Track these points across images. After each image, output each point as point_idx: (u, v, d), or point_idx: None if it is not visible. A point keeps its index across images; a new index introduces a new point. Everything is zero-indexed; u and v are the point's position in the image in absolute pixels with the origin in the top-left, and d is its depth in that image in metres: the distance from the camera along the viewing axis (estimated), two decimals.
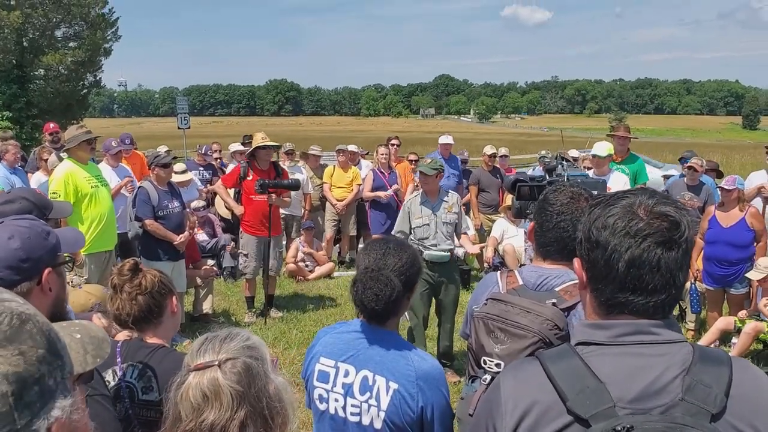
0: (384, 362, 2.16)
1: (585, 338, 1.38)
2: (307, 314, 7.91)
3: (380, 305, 2.14)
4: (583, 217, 1.44)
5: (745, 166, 25.06)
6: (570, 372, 1.32)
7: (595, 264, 1.38)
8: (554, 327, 2.04)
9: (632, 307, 1.35)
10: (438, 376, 2.19)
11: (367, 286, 2.14)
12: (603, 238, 1.36)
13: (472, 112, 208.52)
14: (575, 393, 1.28)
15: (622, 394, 1.27)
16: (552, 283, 2.23)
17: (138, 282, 2.38)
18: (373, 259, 2.22)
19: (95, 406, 1.86)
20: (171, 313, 2.47)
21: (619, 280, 1.34)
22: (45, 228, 1.92)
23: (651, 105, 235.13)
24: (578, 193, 2.31)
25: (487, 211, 9.80)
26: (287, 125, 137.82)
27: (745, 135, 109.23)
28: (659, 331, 1.34)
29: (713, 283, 6.92)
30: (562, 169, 2.94)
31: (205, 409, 1.50)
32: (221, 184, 7.86)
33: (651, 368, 1.29)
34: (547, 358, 1.37)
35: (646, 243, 1.32)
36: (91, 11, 34.24)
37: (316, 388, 2.25)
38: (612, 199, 1.41)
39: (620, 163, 7.83)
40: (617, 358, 1.32)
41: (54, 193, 6.06)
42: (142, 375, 2.28)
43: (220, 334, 1.63)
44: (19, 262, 1.79)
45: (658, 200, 1.36)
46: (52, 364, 0.93)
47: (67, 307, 2.54)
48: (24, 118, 30.80)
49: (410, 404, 2.11)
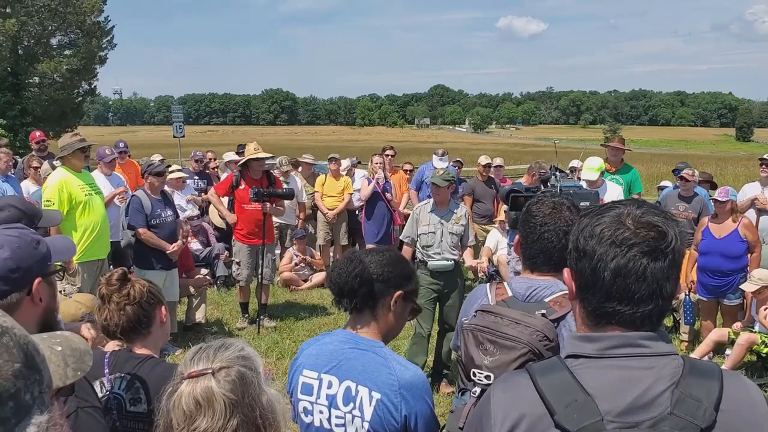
0: (366, 372, 2.13)
1: (574, 351, 1.38)
2: (301, 323, 7.89)
3: (342, 279, 2.16)
4: (573, 227, 1.44)
5: (739, 177, 25.15)
6: (558, 385, 1.31)
7: (582, 273, 1.38)
8: (544, 338, 2.04)
9: (619, 317, 1.35)
10: (421, 385, 2.16)
11: (337, 266, 2.20)
12: (590, 247, 1.35)
13: (467, 123, 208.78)
14: (563, 406, 1.28)
15: (610, 408, 1.26)
16: (541, 294, 2.22)
17: (126, 292, 2.36)
18: (356, 255, 2.27)
19: (86, 418, 1.85)
20: (160, 324, 2.44)
21: (606, 290, 1.34)
22: (35, 237, 1.88)
23: (645, 116, 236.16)
24: (560, 203, 2.31)
25: (482, 221, 9.79)
26: (282, 134, 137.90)
27: (739, 147, 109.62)
28: (648, 344, 1.33)
29: (707, 294, 6.92)
30: (555, 180, 2.94)
31: (198, 416, 1.50)
32: (214, 192, 7.86)
33: (639, 381, 1.28)
34: (536, 371, 1.37)
35: (632, 252, 1.31)
36: (86, 19, 34.31)
37: (301, 401, 2.22)
38: (601, 209, 1.41)
39: (614, 173, 7.85)
40: (606, 371, 1.31)
41: (48, 201, 6.03)
42: (130, 386, 2.25)
43: (215, 343, 1.63)
44: (9, 272, 1.75)
45: (646, 210, 1.36)
46: (28, 378, 0.90)
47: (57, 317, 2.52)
48: (18, 125, 30.77)
49: (394, 414, 2.09)
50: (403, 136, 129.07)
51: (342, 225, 10.14)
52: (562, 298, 2.19)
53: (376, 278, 2.18)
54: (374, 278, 2.18)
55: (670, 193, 8.49)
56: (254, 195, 7.14)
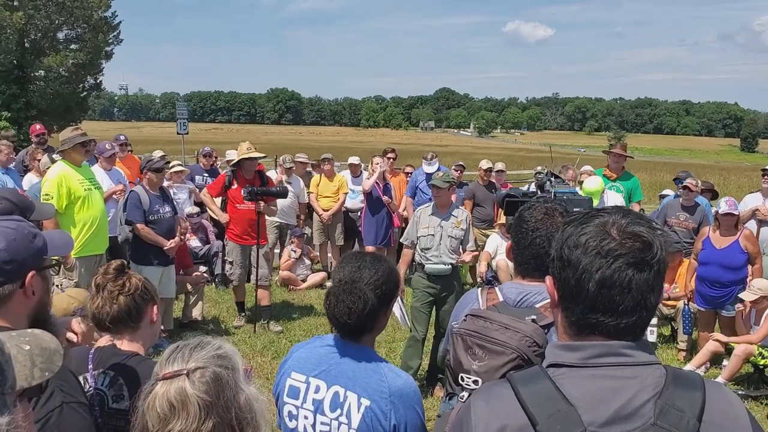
0: (356, 378, 2.09)
1: (556, 360, 1.36)
2: (298, 323, 7.87)
3: (353, 319, 2.07)
4: (557, 235, 1.42)
5: (742, 188, 25.14)
6: (540, 395, 1.29)
7: (566, 283, 1.36)
8: (533, 344, 2.01)
9: (602, 328, 1.33)
10: (412, 394, 2.11)
11: (339, 299, 2.07)
12: (575, 258, 1.33)
13: (472, 126, 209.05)
14: (545, 417, 1.26)
15: (593, 418, 1.24)
16: (532, 299, 2.20)
17: (121, 282, 2.34)
18: (347, 272, 2.16)
19: (71, 413, 1.82)
20: (150, 322, 2.42)
21: (590, 301, 1.32)
22: (32, 230, 1.86)
23: (650, 125, 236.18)
24: (552, 208, 2.28)
25: (482, 226, 9.76)
26: (287, 134, 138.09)
27: (743, 157, 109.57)
28: (631, 353, 1.32)
29: (705, 304, 6.89)
30: (550, 186, 2.93)
31: (172, 419, 1.48)
32: (207, 192, 7.84)
33: (622, 391, 1.27)
34: (518, 381, 1.35)
35: (618, 263, 1.29)
36: (93, 14, 34.34)
37: (286, 404, 2.17)
38: (585, 217, 1.39)
39: (615, 180, 7.83)
40: (588, 380, 1.30)
41: (47, 194, 6.02)
42: (113, 383, 2.22)
43: (192, 342, 1.61)
44: (2, 264, 1.74)
45: (631, 220, 1.34)
46: None
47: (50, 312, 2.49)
48: (23, 118, 30.77)
49: (382, 422, 2.04)
50: (408, 138, 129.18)
51: (337, 226, 10.10)
52: None
53: (379, 305, 2.12)
54: (377, 307, 2.12)
55: (672, 202, 8.46)
56: (248, 194, 7.12)
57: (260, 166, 7.97)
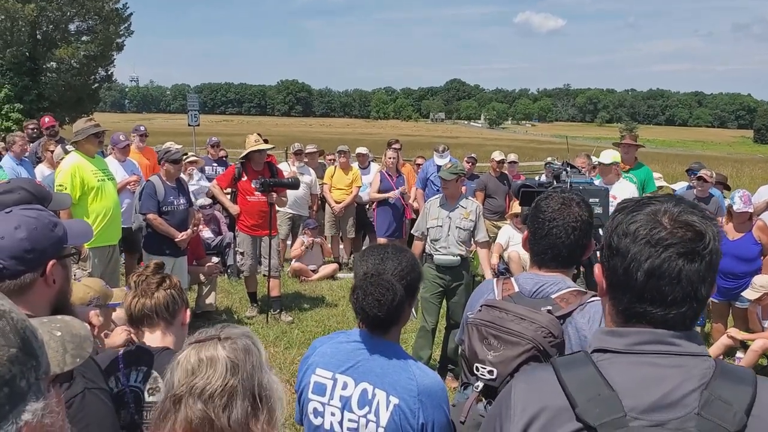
0: (385, 375, 2.06)
1: (601, 345, 1.35)
2: (310, 314, 7.90)
3: (383, 311, 2.02)
4: (607, 222, 1.40)
5: (755, 179, 24.94)
6: (582, 379, 1.29)
7: (614, 272, 1.35)
8: (549, 334, 2.02)
9: (650, 317, 1.31)
10: (440, 392, 2.09)
11: (367, 292, 2.02)
12: (623, 246, 1.32)
13: (483, 118, 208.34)
14: (585, 400, 1.25)
15: (634, 404, 1.23)
16: (548, 290, 2.20)
17: (161, 278, 2.45)
18: (372, 264, 2.14)
19: (92, 399, 1.85)
20: (181, 324, 2.50)
21: (638, 290, 1.30)
22: (53, 219, 1.89)
23: (662, 116, 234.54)
24: (570, 199, 2.28)
25: (493, 217, 9.75)
26: (297, 126, 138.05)
27: (756, 149, 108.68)
28: (679, 342, 1.30)
29: (718, 296, 6.85)
30: (566, 176, 2.92)
31: (198, 373, 1.53)
32: (216, 184, 7.85)
33: (666, 379, 1.25)
34: (560, 365, 1.34)
35: (667, 253, 1.27)
36: (104, 6, 34.51)
37: (311, 401, 2.14)
38: (636, 205, 1.36)
39: (628, 171, 7.79)
40: (632, 366, 1.28)
41: (60, 185, 6.06)
42: (147, 377, 2.26)
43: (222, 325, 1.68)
44: (24, 253, 1.77)
45: (684, 208, 1.31)
46: (25, 364, 0.88)
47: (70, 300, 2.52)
48: (35, 110, 30.96)
49: (410, 420, 2.02)
50: (418, 130, 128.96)
51: (349, 219, 10.11)
52: (569, 295, 2.17)
53: (406, 296, 2.10)
54: (405, 300, 2.10)
55: (685, 193, 8.41)
56: (261, 185, 7.13)
57: (272, 158, 7.98)
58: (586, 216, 2.27)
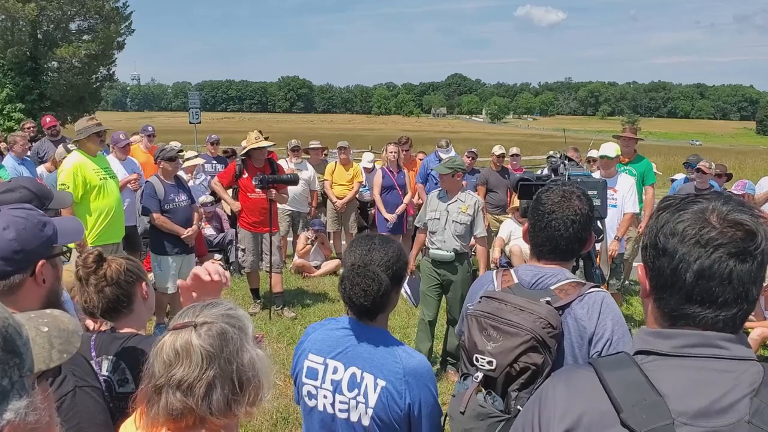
0: (372, 359, 2.15)
1: (645, 347, 1.30)
2: (312, 310, 7.92)
3: (368, 301, 2.11)
4: (650, 221, 1.36)
5: (758, 171, 24.92)
6: (627, 382, 1.24)
7: (660, 272, 1.30)
8: (548, 325, 2.04)
9: (699, 319, 1.27)
10: (425, 373, 2.16)
11: (354, 282, 2.12)
12: (671, 246, 1.27)
13: (484, 112, 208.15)
14: (631, 405, 1.21)
15: (682, 410, 1.19)
16: (547, 282, 2.22)
17: (103, 273, 2.36)
18: (358, 255, 2.20)
19: (84, 397, 1.86)
20: (142, 300, 2.45)
21: (686, 292, 1.26)
22: (42, 219, 1.87)
23: (664, 108, 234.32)
24: (570, 191, 2.29)
25: (495, 211, 9.75)
26: (298, 122, 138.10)
27: (759, 140, 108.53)
28: (728, 346, 1.24)
29: None
30: (564, 169, 2.93)
31: (176, 365, 1.56)
32: (217, 181, 7.87)
33: (715, 385, 1.20)
34: (602, 366, 1.30)
35: (718, 253, 1.23)
36: (105, 5, 34.46)
37: (305, 385, 2.24)
38: (682, 203, 1.32)
39: (627, 164, 7.79)
40: (679, 370, 1.24)
41: (63, 184, 6.07)
42: (116, 368, 2.26)
43: (206, 302, 1.69)
44: (12, 254, 1.75)
45: (733, 207, 1.27)
46: (7, 363, 0.88)
47: (65, 296, 2.51)
48: (36, 110, 30.98)
49: (398, 401, 2.10)
50: (419, 125, 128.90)
51: (351, 214, 10.11)
52: (568, 286, 2.19)
53: (391, 285, 2.17)
54: (391, 289, 2.18)
55: (685, 185, 8.42)
56: (259, 182, 7.15)
57: (273, 155, 7.99)
58: (586, 209, 2.28)
